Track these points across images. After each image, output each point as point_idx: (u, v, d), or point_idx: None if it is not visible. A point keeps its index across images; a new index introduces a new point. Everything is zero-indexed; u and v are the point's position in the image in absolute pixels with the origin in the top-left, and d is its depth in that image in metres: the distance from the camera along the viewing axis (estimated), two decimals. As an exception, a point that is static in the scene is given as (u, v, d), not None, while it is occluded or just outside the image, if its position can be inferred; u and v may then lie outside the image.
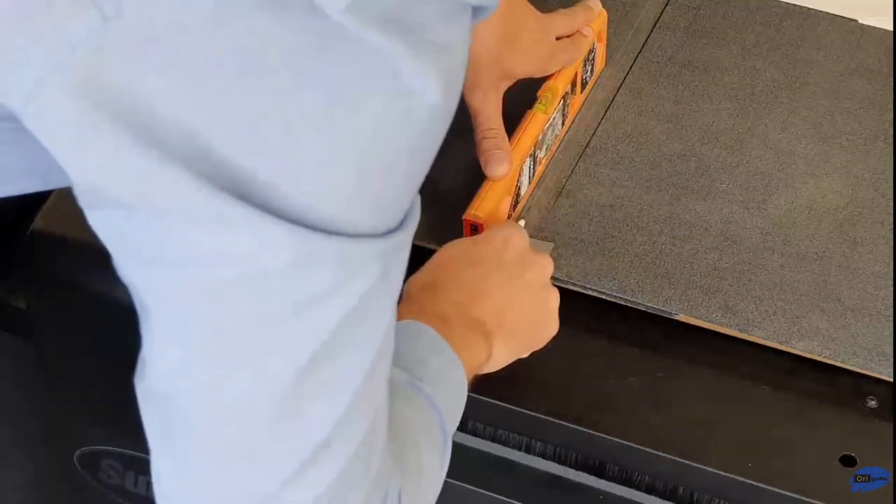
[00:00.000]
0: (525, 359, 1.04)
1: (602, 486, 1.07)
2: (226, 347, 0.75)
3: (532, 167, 1.17)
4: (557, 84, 1.20)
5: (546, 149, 1.19)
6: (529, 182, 1.18)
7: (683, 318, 1.09)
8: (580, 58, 1.22)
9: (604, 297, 1.11)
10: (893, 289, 1.10)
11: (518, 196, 1.16)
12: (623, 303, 1.10)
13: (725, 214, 1.16)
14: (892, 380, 1.05)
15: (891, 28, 1.30)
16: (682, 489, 1.04)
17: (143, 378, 0.78)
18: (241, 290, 0.73)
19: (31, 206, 1.16)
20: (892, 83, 1.26)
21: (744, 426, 1.04)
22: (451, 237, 1.07)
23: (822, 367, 1.07)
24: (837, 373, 1.06)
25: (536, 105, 1.18)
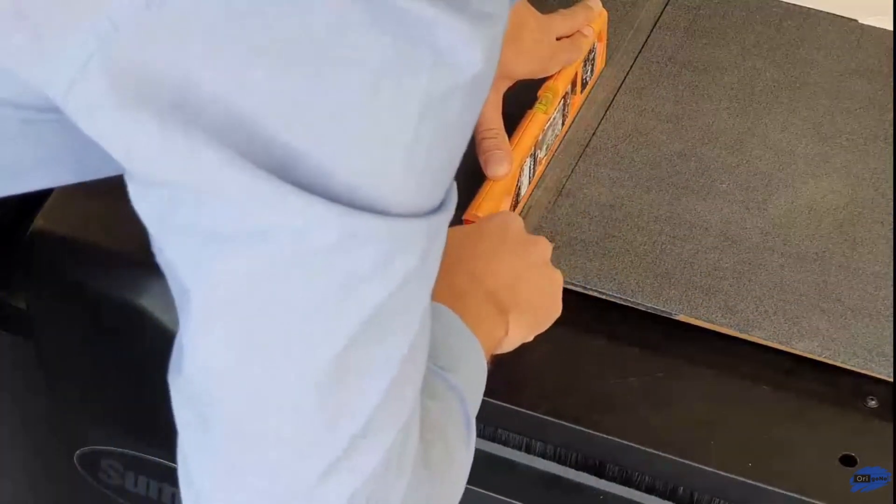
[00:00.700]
0: (525, 359, 1.04)
1: (602, 486, 1.07)
2: (270, 329, 0.74)
3: (532, 167, 1.17)
4: (557, 84, 1.20)
5: (546, 149, 1.19)
6: (529, 182, 1.18)
7: (683, 318, 1.09)
8: (580, 58, 1.22)
9: (604, 297, 1.11)
10: (893, 289, 1.10)
11: (518, 196, 1.16)
12: (623, 303, 1.10)
13: (725, 214, 1.16)
14: (892, 380, 1.05)
15: (891, 28, 1.30)
16: (682, 489, 1.04)
17: (181, 369, 0.76)
18: (288, 270, 0.72)
19: (31, 206, 1.15)
20: (892, 83, 1.26)
21: (744, 426, 1.04)
22: (452, 237, 1.07)
23: (822, 367, 1.07)
24: (837, 373, 1.06)
25: (536, 105, 1.18)
